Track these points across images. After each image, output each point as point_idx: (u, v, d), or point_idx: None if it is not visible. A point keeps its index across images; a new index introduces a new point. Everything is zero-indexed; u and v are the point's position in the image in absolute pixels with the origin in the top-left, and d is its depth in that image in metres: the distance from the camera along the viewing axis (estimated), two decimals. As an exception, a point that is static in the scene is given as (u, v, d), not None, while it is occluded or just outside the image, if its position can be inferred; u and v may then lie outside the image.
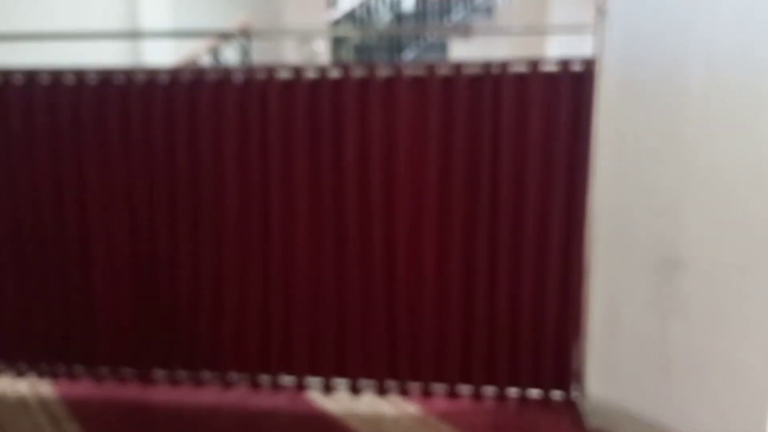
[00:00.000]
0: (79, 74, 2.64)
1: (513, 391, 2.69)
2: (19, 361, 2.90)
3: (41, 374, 2.91)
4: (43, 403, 2.83)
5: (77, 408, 2.78)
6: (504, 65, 2.40)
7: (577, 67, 2.39)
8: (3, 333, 2.90)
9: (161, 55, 6.49)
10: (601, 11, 2.34)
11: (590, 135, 2.42)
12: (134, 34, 7.02)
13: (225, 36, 6.04)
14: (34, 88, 2.67)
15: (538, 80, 2.39)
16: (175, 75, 2.61)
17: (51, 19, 6.10)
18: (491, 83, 2.41)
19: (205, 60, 6.12)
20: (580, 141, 2.43)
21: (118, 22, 6.88)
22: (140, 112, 2.64)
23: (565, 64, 2.39)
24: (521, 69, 2.41)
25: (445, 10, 6.24)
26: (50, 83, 2.67)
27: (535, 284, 2.56)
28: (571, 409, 2.65)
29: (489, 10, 6.45)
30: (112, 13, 6.87)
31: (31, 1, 6.22)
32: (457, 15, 6.30)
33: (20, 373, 2.93)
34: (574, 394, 2.63)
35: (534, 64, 2.39)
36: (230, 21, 6.79)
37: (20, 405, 2.82)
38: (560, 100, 2.41)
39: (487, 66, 2.41)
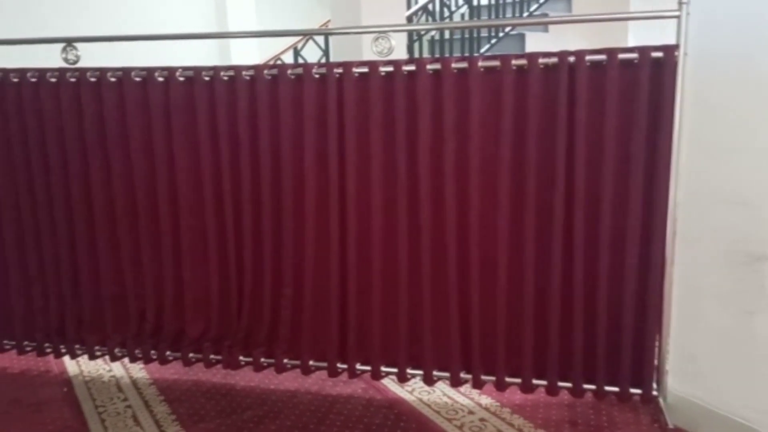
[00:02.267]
0: (170, 71, 2.78)
1: (590, 387, 2.64)
2: (113, 344, 3.08)
3: (134, 359, 3.09)
4: (135, 385, 3.01)
5: (166, 390, 2.94)
6: (580, 54, 2.36)
7: (657, 55, 2.32)
8: (99, 317, 3.09)
9: (246, 54, 6.75)
10: (683, -3, 2.28)
11: (671, 125, 2.35)
12: (222, 35, 7.31)
13: (305, 35, 6.20)
14: (127, 84, 2.83)
15: (615, 69, 2.34)
16: (258, 71, 2.71)
17: (150, 22, 6.46)
18: (567, 73, 2.38)
19: (286, 59, 6.31)
20: (660, 131, 2.36)
21: (208, 25, 7.20)
22: (225, 106, 2.76)
23: (644, 51, 2.32)
24: (599, 58, 2.37)
25: (522, 1, 6.16)
26: (142, 80, 2.83)
27: (612, 278, 2.50)
28: (650, 406, 2.59)
29: (568, 0, 6.33)
30: (203, 17, 7.19)
31: (131, 6, 6.59)
32: (534, 5, 6.21)
33: (114, 357, 3.12)
34: (653, 390, 2.56)
35: (612, 52, 2.34)
36: (311, 20, 6.98)
37: (114, 386, 3.00)
38: (639, 89, 2.34)
39: (562, 55, 2.38)
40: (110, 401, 2.84)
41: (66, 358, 3.22)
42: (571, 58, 2.38)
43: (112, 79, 2.84)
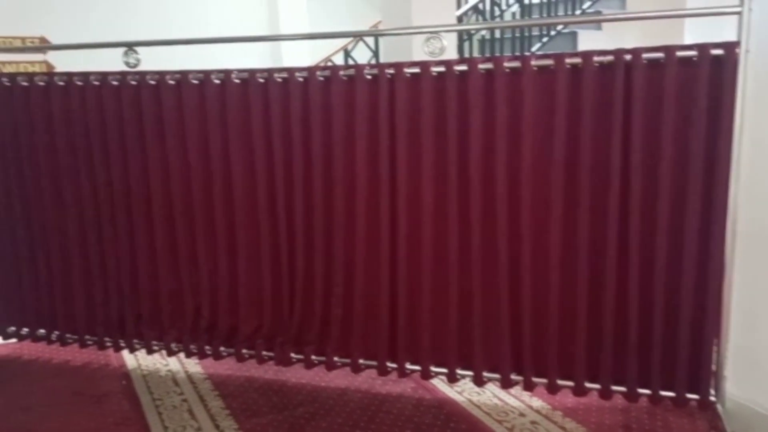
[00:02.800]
0: (226, 74, 2.85)
1: (644, 391, 2.59)
2: (169, 339, 3.17)
3: (190, 354, 3.17)
4: (190, 380, 3.08)
5: (220, 385, 3.00)
6: (637, 52, 2.32)
7: (717, 52, 2.27)
8: (157, 313, 3.18)
9: (298, 56, 6.84)
10: (744, -8, 2.21)
11: (731, 124, 2.28)
12: (274, 38, 7.42)
13: (356, 36, 6.25)
14: (185, 87, 2.91)
15: (674, 67, 2.29)
16: (311, 73, 2.75)
17: (205, 26, 6.61)
18: (623, 71, 2.34)
19: (337, 60, 6.37)
20: (719, 130, 2.30)
21: (260, 28, 7.33)
22: (279, 108, 2.81)
23: (704, 48, 2.27)
24: (656, 55, 2.32)
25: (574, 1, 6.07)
26: (199, 83, 2.90)
27: (669, 281, 2.45)
28: (707, 411, 2.52)
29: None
30: (255, 21, 7.32)
31: (188, 12, 6.75)
32: (588, 3, 6.10)
33: (170, 352, 3.20)
34: (710, 396, 2.50)
35: (669, 49, 2.30)
36: (361, 22, 7.03)
37: (170, 380, 3.09)
38: (698, 88, 2.29)
39: (618, 53, 2.34)
40: (167, 395, 2.92)
41: (125, 352, 3.33)
42: (628, 57, 2.34)
43: (171, 82, 2.92)
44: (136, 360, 3.30)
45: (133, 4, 6.42)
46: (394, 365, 2.89)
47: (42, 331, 3.41)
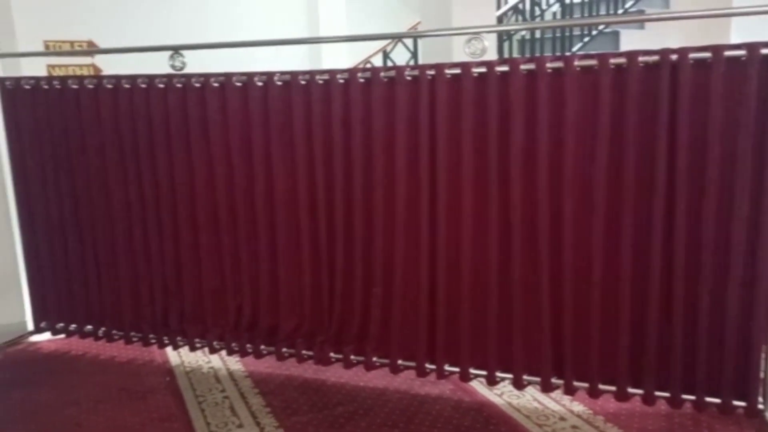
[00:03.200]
0: (269, 76, 2.89)
1: (689, 397, 2.54)
2: (212, 337, 3.23)
3: (231, 352, 3.22)
4: (232, 377, 3.13)
5: (260, 383, 3.04)
6: (683, 52, 2.28)
7: (767, 51, 2.21)
8: (200, 311, 3.24)
9: (337, 57, 6.88)
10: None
11: (782, 124, 2.24)
12: (314, 40, 7.48)
13: (396, 38, 6.26)
14: (229, 89, 2.96)
15: (721, 66, 2.25)
16: (352, 75, 2.78)
17: (245, 29, 6.70)
18: (668, 71, 2.30)
19: (376, 61, 6.39)
20: (768, 131, 2.25)
21: (299, 30, 7.40)
22: (320, 109, 2.84)
23: (753, 47, 2.22)
24: (703, 55, 2.28)
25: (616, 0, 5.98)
26: (243, 85, 2.95)
27: (715, 285, 2.40)
28: (755, 419, 2.46)
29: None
30: (295, 22, 7.39)
31: (228, 15, 6.86)
32: (630, 2, 6.01)
33: (212, 349, 3.26)
34: (758, 404, 2.44)
35: (717, 49, 2.25)
36: (400, 23, 7.04)
37: (212, 377, 3.14)
38: (747, 88, 2.24)
39: (664, 53, 2.30)
40: (209, 391, 2.97)
41: (168, 349, 3.39)
42: (673, 56, 2.31)
43: (215, 84, 2.97)
44: (179, 357, 3.37)
45: (175, 7, 6.53)
46: (432, 366, 2.89)
47: (89, 327, 3.51)
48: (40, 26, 5.64)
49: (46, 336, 3.64)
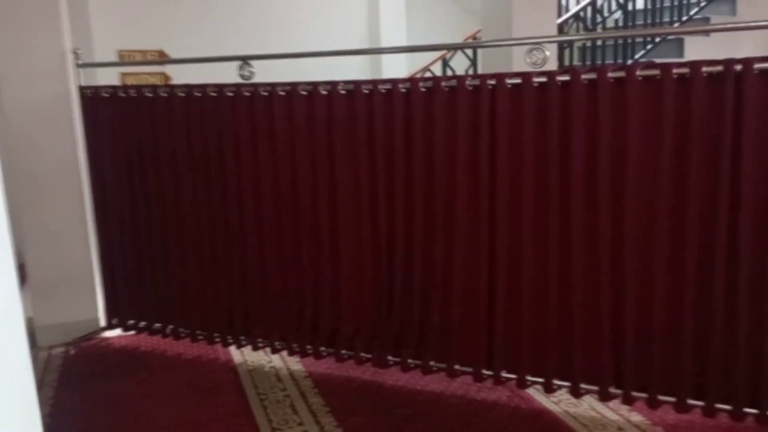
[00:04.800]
0: (333, 85, 2.98)
1: (750, 412, 2.50)
2: (275, 339, 3.34)
3: (293, 353, 3.32)
4: (292, 377, 3.23)
5: (320, 383, 3.12)
6: (748, 62, 2.26)
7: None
8: (263, 312, 3.35)
9: (397, 65, 6.97)
10: None
11: None
12: (379, 51, 7.60)
13: (456, 48, 6.30)
14: (295, 97, 3.07)
15: (788, 77, 2.22)
16: (414, 84, 2.84)
17: (310, 38, 6.86)
18: (733, 82, 2.28)
19: (435, 69, 6.45)
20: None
21: (361, 37, 7.53)
22: (382, 117, 2.91)
23: (823, 57, 2.19)
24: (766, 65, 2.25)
25: (681, 5, 5.87)
26: (308, 93, 3.05)
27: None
28: (822, 436, 2.41)
29: (732, 3, 5.94)
30: (357, 30, 7.52)
31: (293, 26, 7.04)
32: (695, 9, 5.89)
33: (274, 349, 3.37)
34: (827, 420, 2.38)
35: (783, 59, 2.22)
36: (460, 31, 7.07)
37: (273, 376, 3.24)
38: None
39: (728, 63, 2.28)
40: (271, 390, 3.08)
41: (232, 348, 3.52)
42: (738, 66, 2.28)
43: (282, 93, 3.08)
44: (242, 356, 3.49)
45: (240, 19, 6.74)
46: (490, 372, 2.92)
47: (158, 324, 3.67)
48: (114, 37, 5.91)
49: (117, 332, 3.82)
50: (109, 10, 5.92)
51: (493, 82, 2.69)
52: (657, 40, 5.75)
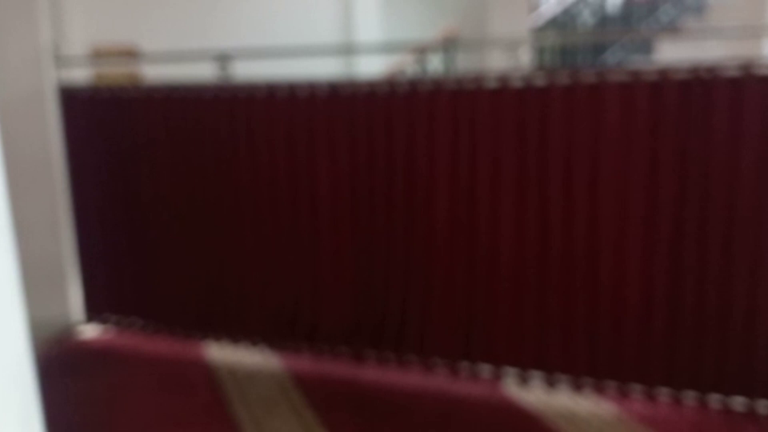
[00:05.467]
0: (312, 87, 3.02)
1: (717, 399, 2.61)
2: (254, 335, 3.37)
3: (272, 348, 3.36)
4: (272, 373, 3.26)
5: (300, 378, 3.16)
6: (714, 69, 2.35)
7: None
8: (242, 308, 3.38)
9: (373, 64, 6.99)
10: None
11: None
12: (349, 50, 7.63)
13: (431, 47, 6.35)
14: (275, 96, 3.09)
15: (753, 84, 2.32)
16: (393, 86, 2.89)
17: (284, 36, 6.84)
18: (701, 88, 2.38)
19: (412, 69, 6.48)
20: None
21: (337, 32, 7.55)
22: (362, 118, 2.96)
23: (787, 65, 2.29)
24: (734, 72, 2.35)
25: (652, 10, 6.00)
26: (287, 95, 3.08)
27: (747, 289, 2.49)
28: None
29: (700, 9, 6.09)
30: (330, 30, 7.54)
31: (259, 22, 7.03)
32: (666, 15, 6.03)
33: (254, 346, 3.40)
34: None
35: (748, 66, 2.32)
36: (438, 31, 7.12)
37: (254, 373, 3.27)
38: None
39: (696, 70, 2.38)
40: (250, 385, 3.10)
41: (210, 344, 3.54)
42: (705, 72, 2.38)
43: (262, 92, 3.11)
44: (220, 352, 3.50)
45: (212, 13, 6.71)
46: (468, 366, 3.00)
47: (136, 320, 3.67)
48: (88, 32, 5.84)
49: (96, 329, 3.81)
50: (82, 5, 5.85)
51: (471, 85, 2.75)
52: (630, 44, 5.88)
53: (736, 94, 2.35)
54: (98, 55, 5.82)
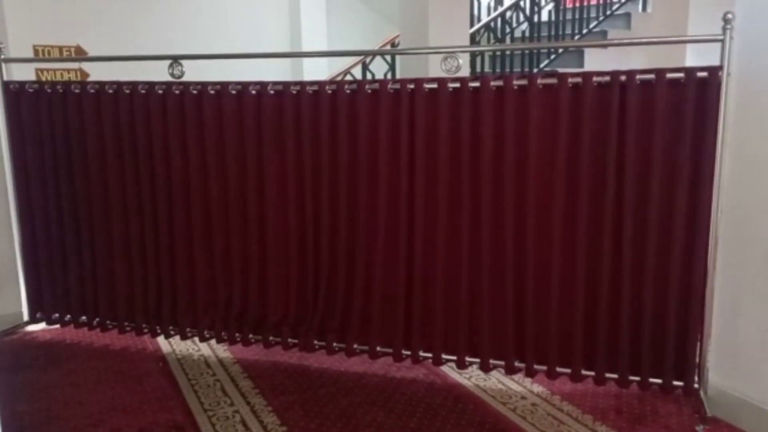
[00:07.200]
0: (262, 85, 3.16)
1: (635, 378, 2.87)
2: (203, 326, 3.47)
3: (220, 339, 3.46)
4: (221, 363, 3.37)
5: (249, 368, 3.28)
6: (631, 73, 2.61)
7: (702, 75, 2.55)
8: (192, 301, 3.48)
9: (318, 67, 7.16)
10: (726, 21, 2.50)
11: (715, 140, 2.57)
12: (299, 54, 7.78)
13: (378, 54, 6.55)
14: (225, 96, 3.22)
15: (664, 87, 2.58)
16: (339, 86, 3.06)
17: (233, 40, 6.96)
18: (618, 90, 2.63)
19: (356, 72, 6.66)
20: (704, 145, 2.58)
21: (283, 40, 7.69)
22: (309, 116, 3.12)
23: (690, 71, 2.56)
24: (648, 77, 2.61)
25: (581, 18, 6.36)
26: (238, 93, 3.21)
27: (657, 279, 2.73)
28: (691, 398, 2.79)
29: (627, 17, 6.48)
30: (279, 32, 7.68)
31: (212, 26, 7.10)
32: (594, 23, 6.41)
33: (203, 338, 3.50)
34: (694, 383, 2.77)
35: (660, 72, 2.58)
36: (379, 35, 7.33)
37: (203, 363, 3.37)
38: (685, 106, 2.58)
39: (614, 74, 2.63)
40: (201, 375, 3.21)
41: (160, 338, 3.62)
42: (623, 77, 2.63)
43: (212, 92, 3.23)
44: (170, 345, 3.59)
45: (161, 14, 6.75)
46: (408, 352, 3.18)
47: (84, 317, 3.72)
48: (29, 32, 5.80)
49: (42, 326, 3.83)
50: (23, 3, 5.80)
51: (412, 86, 2.94)
52: (560, 51, 6.21)
53: (648, 96, 2.61)
54: (40, 54, 5.78)
